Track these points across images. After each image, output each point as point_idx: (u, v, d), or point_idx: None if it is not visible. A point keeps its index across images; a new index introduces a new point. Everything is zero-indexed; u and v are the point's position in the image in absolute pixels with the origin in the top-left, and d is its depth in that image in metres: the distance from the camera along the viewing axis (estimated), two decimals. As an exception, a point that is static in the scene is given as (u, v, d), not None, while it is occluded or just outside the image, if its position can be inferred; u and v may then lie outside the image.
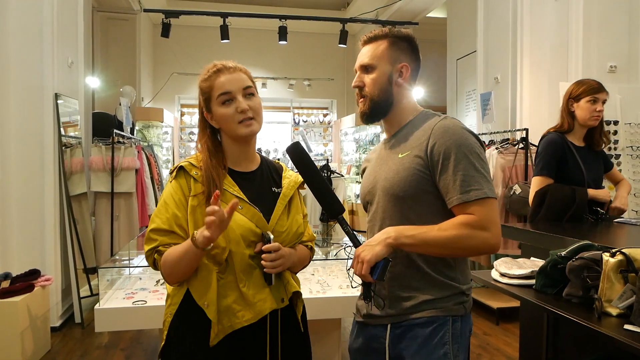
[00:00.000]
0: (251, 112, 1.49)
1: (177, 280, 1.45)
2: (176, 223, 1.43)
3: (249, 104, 1.49)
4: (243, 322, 1.42)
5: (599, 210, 2.61)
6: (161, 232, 1.43)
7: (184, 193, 1.46)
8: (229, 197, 1.46)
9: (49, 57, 4.20)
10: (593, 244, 1.67)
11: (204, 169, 1.47)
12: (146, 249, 1.44)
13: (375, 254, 1.34)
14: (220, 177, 1.47)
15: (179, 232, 1.44)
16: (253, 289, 1.45)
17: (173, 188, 1.47)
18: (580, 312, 1.48)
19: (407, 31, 1.57)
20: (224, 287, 1.43)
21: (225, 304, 1.42)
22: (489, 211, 1.36)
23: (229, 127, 1.50)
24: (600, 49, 4.42)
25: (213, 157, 1.50)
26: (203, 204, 1.42)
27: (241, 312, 1.43)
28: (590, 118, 2.69)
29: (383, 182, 1.51)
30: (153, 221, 1.45)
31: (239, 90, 1.49)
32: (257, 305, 1.44)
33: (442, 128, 1.43)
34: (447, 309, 1.44)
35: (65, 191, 4.38)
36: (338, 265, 3.32)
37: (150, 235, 1.44)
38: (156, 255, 1.43)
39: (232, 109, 1.48)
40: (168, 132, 8.88)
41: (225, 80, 1.50)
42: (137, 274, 3.14)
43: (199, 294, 1.43)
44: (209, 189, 1.43)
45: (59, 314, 4.34)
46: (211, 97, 1.51)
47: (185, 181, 1.47)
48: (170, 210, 1.44)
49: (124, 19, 8.52)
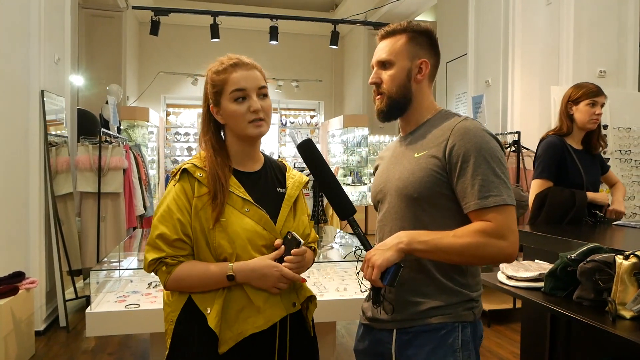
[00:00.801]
0: (263, 113, 1.44)
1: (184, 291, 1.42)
2: (182, 231, 1.38)
3: (262, 104, 1.44)
4: (254, 329, 1.37)
5: (597, 213, 2.62)
6: (168, 241, 1.37)
7: (188, 197, 1.40)
8: (235, 199, 1.41)
9: (36, 53, 4.11)
10: (602, 247, 1.66)
11: (208, 167, 1.41)
12: (150, 257, 1.37)
13: (386, 259, 1.30)
14: (226, 177, 1.41)
15: (185, 239, 1.38)
16: (263, 295, 1.40)
17: (177, 192, 1.40)
18: (592, 315, 1.46)
19: (426, 25, 1.50)
20: (232, 294, 1.38)
21: (235, 310, 1.37)
22: (506, 219, 1.31)
23: (237, 125, 1.44)
24: (590, 54, 4.46)
25: (218, 155, 1.45)
26: (208, 206, 1.38)
27: (251, 318, 1.38)
28: (589, 121, 2.70)
29: (396, 182, 1.45)
30: (157, 227, 1.38)
31: (254, 88, 1.44)
32: (267, 311, 1.39)
33: (463, 129, 1.37)
34: (456, 315, 1.40)
35: (50, 191, 4.27)
36: (333, 267, 3.28)
37: (156, 243, 1.37)
38: (164, 268, 1.38)
39: (244, 107, 1.43)
40: (153, 132, 8.77)
41: (241, 77, 1.43)
42: (127, 276, 3.06)
43: (201, 300, 1.38)
44: (215, 188, 1.38)
45: (43, 317, 4.23)
46: (223, 91, 1.44)
47: (189, 184, 1.41)
48: (175, 217, 1.38)
49: (110, 16, 8.40)
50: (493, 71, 5.33)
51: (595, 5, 4.44)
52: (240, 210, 1.40)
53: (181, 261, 1.38)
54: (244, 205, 1.41)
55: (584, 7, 4.40)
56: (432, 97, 1.54)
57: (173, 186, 1.42)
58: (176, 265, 1.37)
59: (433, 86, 1.57)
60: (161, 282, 1.40)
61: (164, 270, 1.37)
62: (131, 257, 3.47)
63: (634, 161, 4.37)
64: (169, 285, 1.39)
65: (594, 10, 4.44)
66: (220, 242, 1.37)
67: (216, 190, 1.38)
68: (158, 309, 2.47)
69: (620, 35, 4.53)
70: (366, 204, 9.47)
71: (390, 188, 1.48)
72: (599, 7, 4.45)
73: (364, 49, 10.12)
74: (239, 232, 1.38)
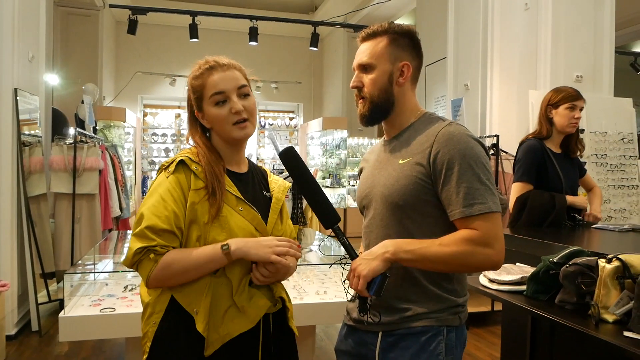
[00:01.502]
0: (246, 113, 1.41)
1: (171, 285, 1.34)
2: (175, 223, 1.32)
3: (243, 104, 1.41)
4: (240, 329, 1.35)
5: (576, 216, 2.65)
6: (158, 231, 1.29)
7: (183, 189, 1.35)
8: (230, 197, 1.38)
9: (9, 50, 3.99)
10: (584, 250, 1.66)
11: (204, 163, 1.38)
12: (136, 246, 1.28)
13: (372, 269, 1.29)
14: (222, 173, 1.39)
15: (177, 232, 1.32)
16: (247, 294, 1.37)
17: (171, 184, 1.34)
18: (575, 319, 1.46)
19: (408, 26, 1.48)
20: (218, 293, 1.35)
21: (221, 310, 1.34)
22: (492, 226, 1.30)
23: (222, 128, 1.42)
24: (567, 58, 4.52)
25: (211, 152, 1.42)
26: (205, 200, 1.34)
27: (237, 318, 1.35)
28: (568, 125, 2.72)
29: (381, 189, 1.43)
30: (149, 218, 1.29)
31: (233, 89, 1.40)
32: (251, 310, 1.37)
33: (447, 135, 1.35)
34: (442, 318, 1.39)
35: (23, 192, 4.16)
36: (313, 270, 3.25)
37: (145, 233, 1.28)
38: (152, 255, 1.28)
39: (225, 110, 1.39)
40: (130, 133, 8.64)
41: (219, 79, 1.40)
42: (102, 279, 2.99)
43: (187, 300, 1.33)
44: (212, 183, 1.35)
45: (15, 321, 4.10)
46: (203, 97, 1.42)
47: (184, 177, 1.36)
48: (170, 208, 1.31)
49: (86, 14, 8.27)
50: (472, 75, 5.37)
51: (572, 11, 4.50)
52: (235, 208, 1.38)
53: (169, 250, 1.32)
54: (238, 204, 1.39)
55: (561, 12, 4.46)
56: (416, 99, 1.52)
57: (166, 177, 1.36)
58: (164, 254, 1.30)
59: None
60: (143, 275, 1.30)
61: (151, 258, 1.28)
62: (107, 259, 3.39)
63: (609, 165, 4.44)
64: (153, 275, 1.29)
65: (571, 16, 4.50)
66: (216, 237, 1.34)
67: (214, 186, 1.35)
68: (134, 313, 2.41)
69: (597, 41, 4.61)
70: (345, 207, 9.46)
71: (375, 194, 1.46)
72: (576, 12, 4.52)
73: (343, 52, 10.14)
74: (235, 229, 1.36)
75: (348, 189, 9.74)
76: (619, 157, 4.50)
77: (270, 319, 1.44)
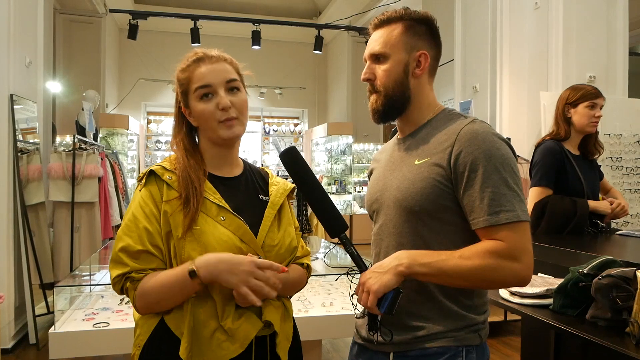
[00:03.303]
0: (234, 110, 1.27)
1: (158, 311, 1.21)
2: (150, 241, 1.19)
3: (231, 99, 1.27)
4: (229, 355, 1.19)
5: (599, 222, 2.48)
6: (133, 253, 1.18)
7: (155, 202, 1.22)
8: (209, 205, 1.23)
9: (4, 54, 3.89)
10: (616, 260, 1.51)
11: (180, 169, 1.25)
12: (114, 275, 1.19)
13: (383, 284, 1.15)
14: (200, 180, 1.24)
15: (153, 251, 1.20)
16: (235, 314, 1.21)
17: (142, 198, 1.23)
18: (611, 337, 1.31)
19: (425, 12, 1.33)
20: (202, 315, 1.20)
21: (206, 334, 1.19)
22: (520, 237, 1.15)
23: (208, 126, 1.28)
24: (579, 59, 4.38)
25: (190, 156, 1.28)
26: (179, 211, 1.20)
27: (226, 342, 1.19)
28: (589, 124, 2.57)
29: (395, 192, 1.29)
30: (121, 239, 1.20)
31: (221, 83, 1.27)
32: (241, 334, 1.21)
33: (470, 134, 1.20)
34: (460, 338, 1.24)
35: (20, 200, 4.05)
36: (318, 281, 3.11)
37: (120, 257, 1.19)
38: (129, 284, 1.18)
39: (211, 105, 1.26)
40: (133, 140, 8.56)
41: (206, 71, 1.27)
42: (98, 291, 2.86)
43: (176, 323, 1.19)
44: (187, 192, 1.21)
45: (12, 334, 3.99)
46: (189, 90, 1.29)
47: (156, 188, 1.24)
48: (141, 226, 1.20)
49: (88, 22, 8.22)
50: (481, 77, 5.24)
51: (584, 10, 4.36)
52: (215, 218, 1.23)
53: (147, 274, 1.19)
54: (219, 212, 1.24)
55: (572, 11, 4.33)
56: (434, 94, 1.37)
57: (139, 191, 1.25)
58: (141, 279, 1.19)
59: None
60: (132, 304, 1.22)
61: (131, 287, 1.19)
62: (104, 269, 3.26)
63: (625, 168, 4.29)
64: (138, 305, 1.20)
65: (583, 15, 4.36)
66: (191, 253, 1.19)
67: (188, 194, 1.21)
68: (129, 328, 2.27)
69: (610, 40, 4.46)
70: (351, 213, 9.32)
71: (387, 198, 1.31)
72: (588, 11, 4.38)
73: (348, 56, 10.02)
74: (213, 243, 1.20)
75: (354, 195, 9.60)
76: (634, 160, 4.34)
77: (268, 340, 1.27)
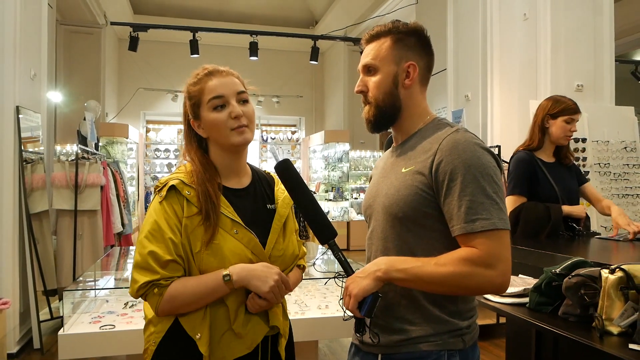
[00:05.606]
0: (245, 119, 1.37)
1: (181, 313, 1.31)
2: (176, 252, 1.28)
3: (242, 110, 1.37)
4: (236, 354, 1.32)
5: (574, 226, 2.60)
6: (162, 262, 1.26)
7: (178, 216, 1.30)
8: (224, 220, 1.32)
9: (10, 68, 4.01)
10: (587, 261, 1.64)
11: (198, 184, 1.32)
12: (142, 280, 1.26)
13: (362, 289, 1.20)
14: (217, 195, 1.33)
15: (179, 260, 1.29)
16: (244, 319, 1.33)
17: (167, 211, 1.30)
18: (579, 331, 1.43)
19: (415, 24, 1.38)
20: (216, 318, 1.31)
21: (218, 334, 1.31)
22: (496, 245, 1.17)
23: (220, 134, 1.36)
24: (567, 68, 4.51)
25: (207, 170, 1.36)
26: (200, 226, 1.29)
27: (233, 343, 1.32)
28: (564, 137, 2.68)
29: (383, 199, 1.34)
30: (146, 246, 1.27)
31: (232, 94, 1.37)
32: (248, 336, 1.33)
33: (451, 143, 1.23)
34: (443, 342, 1.28)
35: (25, 209, 4.16)
36: (315, 285, 3.22)
37: (149, 265, 1.26)
38: (156, 290, 1.26)
39: (224, 114, 1.35)
40: (133, 149, 8.67)
41: (218, 84, 1.37)
42: (103, 296, 2.97)
43: (191, 325, 1.30)
44: (207, 207, 1.30)
45: (17, 339, 4.07)
46: (201, 102, 1.37)
47: (178, 203, 1.31)
48: (167, 237, 1.28)
49: (89, 32, 8.34)
50: (472, 86, 5.37)
51: (571, 20, 4.50)
52: (229, 232, 1.32)
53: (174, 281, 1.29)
54: (233, 226, 1.33)
55: (560, 21, 4.46)
56: (426, 103, 1.41)
57: (159, 203, 1.31)
58: (168, 286, 1.27)
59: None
60: (152, 307, 1.30)
61: (156, 293, 1.26)
62: (108, 275, 3.38)
63: (612, 174, 4.41)
64: (161, 309, 1.27)
65: (570, 25, 4.49)
66: (208, 265, 1.29)
67: (208, 210, 1.29)
68: (134, 330, 2.39)
69: (597, 49, 4.59)
70: (348, 220, 9.43)
71: (377, 204, 1.37)
72: (575, 21, 4.51)
73: (344, 65, 10.17)
74: (228, 256, 1.30)
75: (351, 202, 9.71)
76: (622, 165, 4.46)
77: (269, 340, 1.40)
